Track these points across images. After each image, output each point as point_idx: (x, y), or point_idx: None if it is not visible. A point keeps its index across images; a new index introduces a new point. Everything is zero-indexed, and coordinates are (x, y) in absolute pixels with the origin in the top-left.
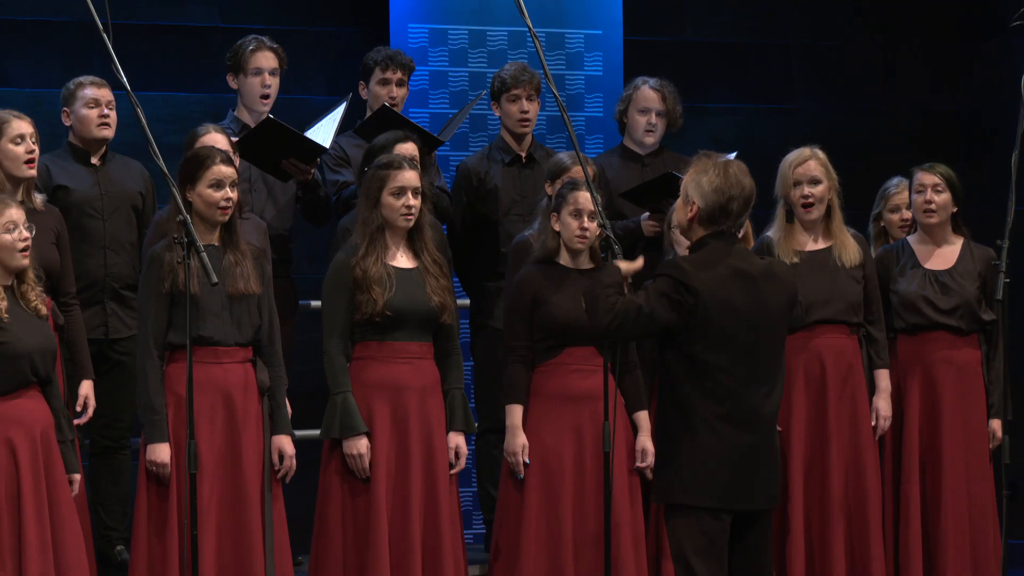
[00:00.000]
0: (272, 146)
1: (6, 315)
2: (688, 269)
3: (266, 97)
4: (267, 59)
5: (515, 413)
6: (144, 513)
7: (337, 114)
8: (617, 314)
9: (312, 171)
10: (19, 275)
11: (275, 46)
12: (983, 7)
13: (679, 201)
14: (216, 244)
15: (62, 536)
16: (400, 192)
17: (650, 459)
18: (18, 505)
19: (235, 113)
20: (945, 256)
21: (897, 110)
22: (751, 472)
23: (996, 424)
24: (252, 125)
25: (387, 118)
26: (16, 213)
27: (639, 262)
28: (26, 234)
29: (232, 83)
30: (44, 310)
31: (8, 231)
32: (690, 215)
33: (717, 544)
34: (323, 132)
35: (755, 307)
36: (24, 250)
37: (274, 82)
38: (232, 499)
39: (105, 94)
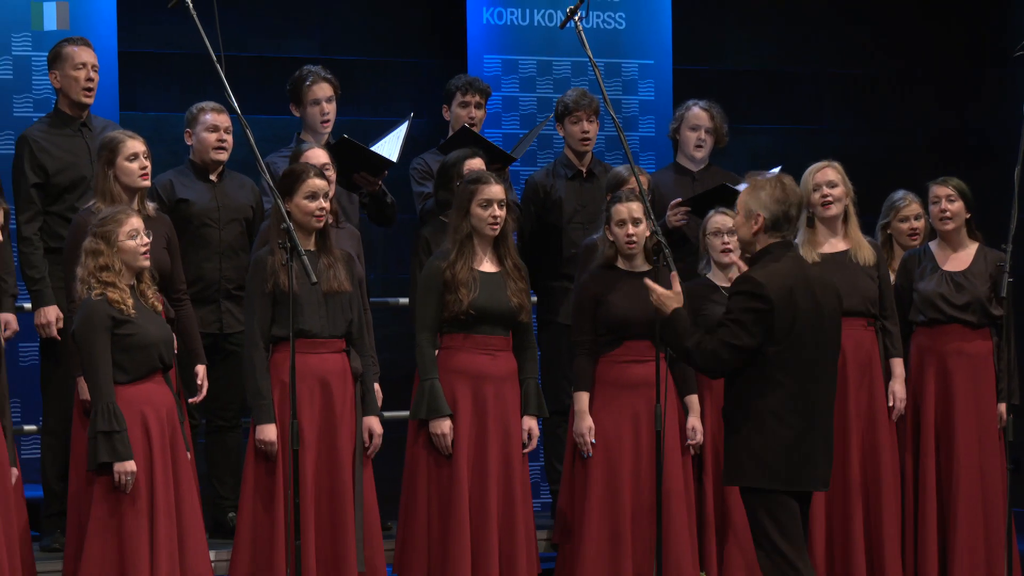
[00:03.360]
0: (346, 161)
1: (133, 311)
2: (760, 280)
3: (326, 122)
4: (323, 90)
5: (582, 399)
6: (251, 485)
7: (401, 131)
8: (710, 357)
9: (379, 183)
10: (138, 275)
11: (329, 76)
12: (989, 40)
13: (739, 219)
14: (312, 249)
15: (182, 502)
16: (487, 204)
17: (699, 437)
18: (150, 474)
19: (300, 137)
20: (961, 259)
21: (913, 130)
22: (808, 456)
23: (1002, 407)
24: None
25: (467, 137)
26: (136, 221)
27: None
28: (146, 239)
29: (295, 111)
30: (159, 306)
31: (131, 237)
32: (755, 227)
33: (794, 521)
34: (388, 146)
35: (814, 307)
36: (145, 253)
37: (331, 108)
38: (329, 472)
39: (223, 120)
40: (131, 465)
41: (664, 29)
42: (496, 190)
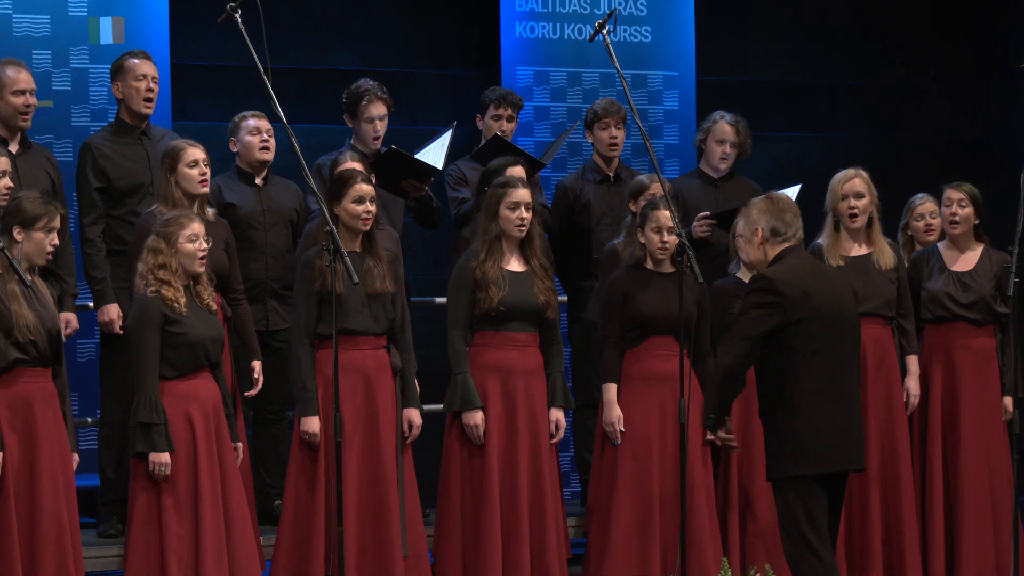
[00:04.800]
0: (394, 169)
1: (185, 310)
2: (772, 276)
3: (377, 139)
4: (378, 108)
5: (610, 391)
6: (295, 474)
7: (445, 139)
8: (729, 354)
9: (426, 188)
10: (195, 277)
11: (384, 96)
12: (997, 53)
13: (741, 242)
14: (358, 251)
15: (228, 491)
16: (515, 206)
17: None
18: (195, 466)
19: (352, 142)
20: (967, 260)
21: (924, 137)
22: (841, 439)
23: (1008, 400)
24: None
25: (498, 144)
26: (198, 227)
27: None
28: (205, 245)
29: (348, 122)
30: (214, 306)
31: (191, 241)
32: (759, 239)
33: (823, 513)
34: (433, 154)
35: (834, 297)
36: (202, 258)
37: (383, 125)
38: (371, 462)
39: (264, 124)
40: (166, 457)
41: (688, 42)
42: (523, 193)
